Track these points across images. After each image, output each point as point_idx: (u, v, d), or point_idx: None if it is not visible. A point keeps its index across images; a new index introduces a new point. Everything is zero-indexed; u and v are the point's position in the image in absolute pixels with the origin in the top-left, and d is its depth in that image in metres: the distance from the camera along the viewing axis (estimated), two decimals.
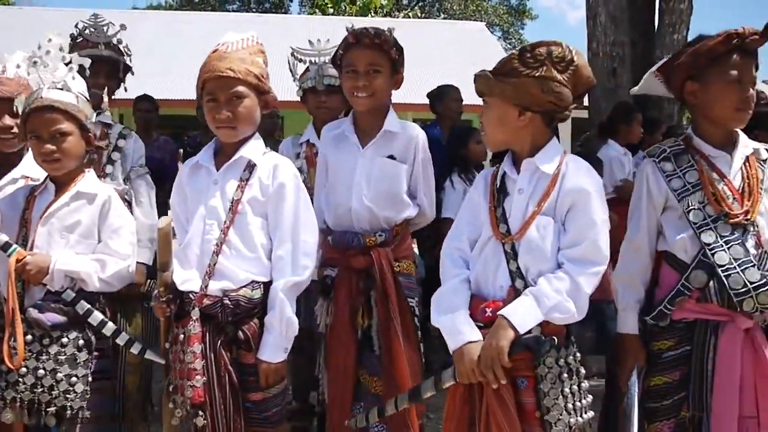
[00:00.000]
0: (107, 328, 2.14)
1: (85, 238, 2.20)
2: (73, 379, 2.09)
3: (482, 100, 1.90)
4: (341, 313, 2.37)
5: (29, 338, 2.09)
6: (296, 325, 2.06)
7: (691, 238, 1.98)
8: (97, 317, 2.13)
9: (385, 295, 2.37)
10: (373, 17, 19.30)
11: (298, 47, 3.16)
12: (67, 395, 2.08)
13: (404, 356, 2.35)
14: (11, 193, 2.29)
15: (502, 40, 24.80)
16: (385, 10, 21.02)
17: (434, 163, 2.59)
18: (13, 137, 2.36)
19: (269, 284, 2.05)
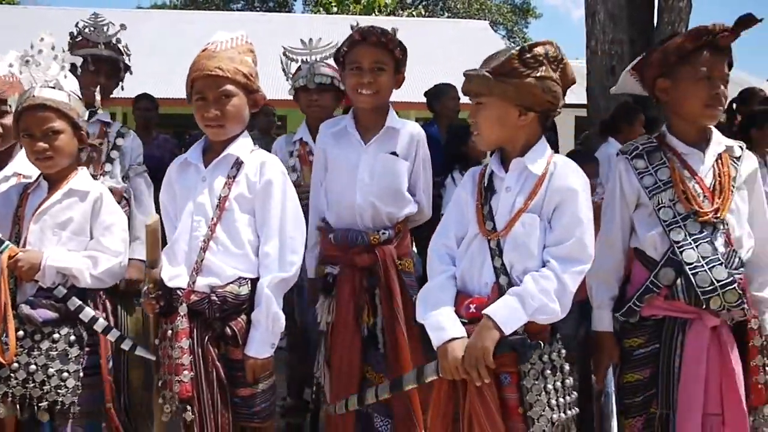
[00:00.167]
0: (98, 324, 2.16)
1: (77, 235, 2.23)
2: (64, 374, 2.11)
3: (475, 99, 1.89)
4: (345, 311, 2.37)
5: (21, 334, 2.12)
6: (283, 321, 2.07)
7: (660, 235, 1.99)
8: (88, 313, 2.15)
9: (389, 292, 2.38)
10: (377, 16, 19.29)
11: (290, 46, 3.18)
12: (58, 390, 2.10)
13: (408, 353, 2.36)
14: (4, 190, 2.32)
15: (506, 39, 24.77)
16: (389, 8, 21.00)
17: (432, 161, 2.61)
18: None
19: (257, 280, 2.07)
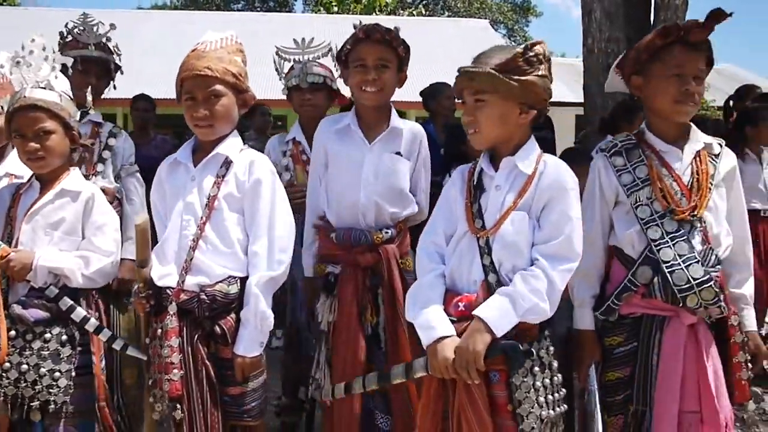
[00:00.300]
0: (90, 324, 2.17)
1: (68, 235, 2.24)
2: (56, 374, 2.13)
3: (475, 97, 1.86)
4: (349, 310, 2.36)
5: (13, 334, 2.13)
6: (271, 319, 2.08)
7: (638, 233, 2.00)
8: (79, 313, 2.17)
9: (392, 291, 2.39)
10: (377, 15, 19.29)
11: (283, 46, 3.19)
12: (50, 390, 2.11)
13: (410, 352, 2.35)
14: None
15: (506, 37, 24.75)
16: (389, 8, 21.00)
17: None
18: None
19: (246, 279, 2.08)
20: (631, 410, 2.00)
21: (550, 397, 1.84)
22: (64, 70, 2.33)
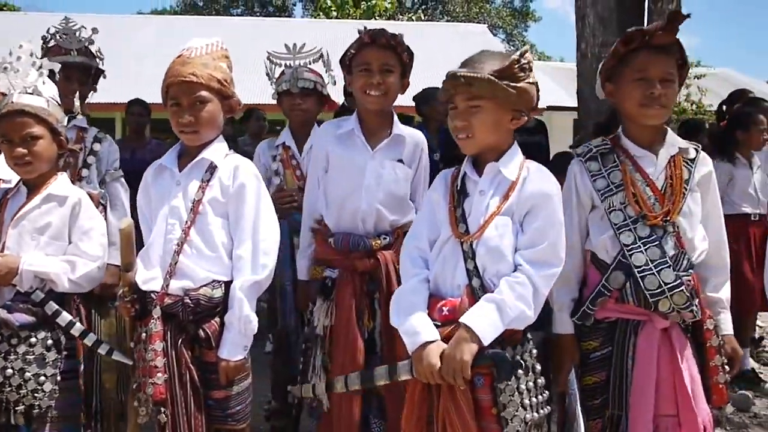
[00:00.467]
0: (75, 328, 2.18)
1: (55, 239, 2.24)
2: (41, 378, 2.13)
3: (469, 102, 1.86)
4: (347, 314, 2.36)
5: None
6: (255, 323, 2.09)
7: (611, 238, 2.01)
8: (65, 318, 2.17)
9: (389, 297, 2.35)
10: (376, 20, 19.32)
11: (274, 51, 3.21)
12: (35, 394, 2.12)
13: (406, 357, 2.35)
14: None
15: (505, 42, 24.77)
16: (388, 13, 21.04)
17: None
18: None
19: (230, 283, 2.08)
20: (607, 414, 2.01)
21: (534, 399, 1.84)
22: (51, 75, 2.33)
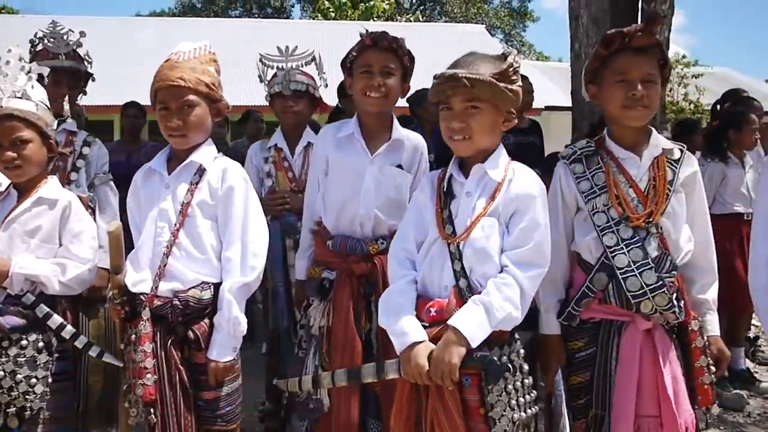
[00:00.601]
0: (66, 331, 2.19)
1: (45, 242, 2.26)
2: (32, 380, 2.14)
3: (468, 104, 1.86)
4: (345, 314, 2.37)
5: None
6: (244, 325, 2.10)
7: (594, 240, 2.02)
8: (56, 320, 2.19)
9: None
10: (375, 21, 19.33)
11: (266, 53, 3.22)
12: (26, 396, 2.13)
13: None
14: None
15: (504, 42, 24.78)
16: (386, 14, 21.04)
17: None
18: None
19: (219, 285, 2.10)
20: (591, 414, 2.02)
21: (521, 399, 1.86)
22: (39, 79, 2.35)
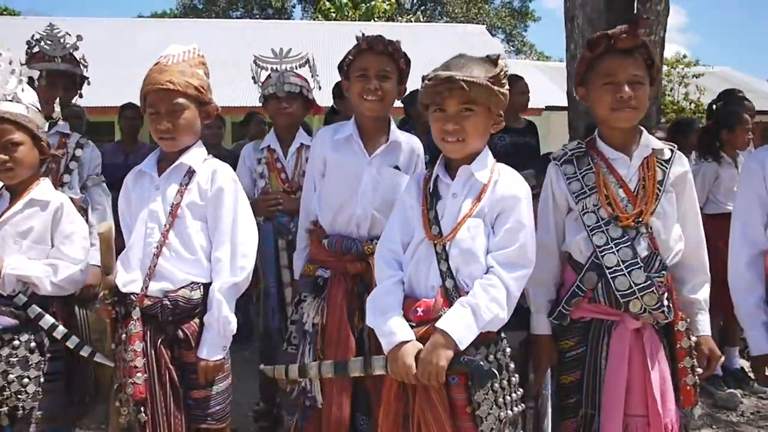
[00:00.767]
0: (58, 331, 2.22)
1: (37, 243, 2.28)
2: (24, 380, 2.16)
3: (463, 106, 1.87)
4: (339, 312, 2.38)
5: None
6: (234, 324, 2.13)
7: (584, 240, 2.03)
8: (48, 321, 2.21)
9: None
10: (375, 22, 19.35)
11: (260, 55, 3.24)
12: (18, 396, 2.15)
13: None
14: None
15: (505, 42, 24.80)
16: (387, 14, 21.05)
17: None
18: None
19: (209, 285, 2.13)
20: (581, 413, 2.03)
21: (508, 397, 1.88)
22: (30, 82, 2.36)
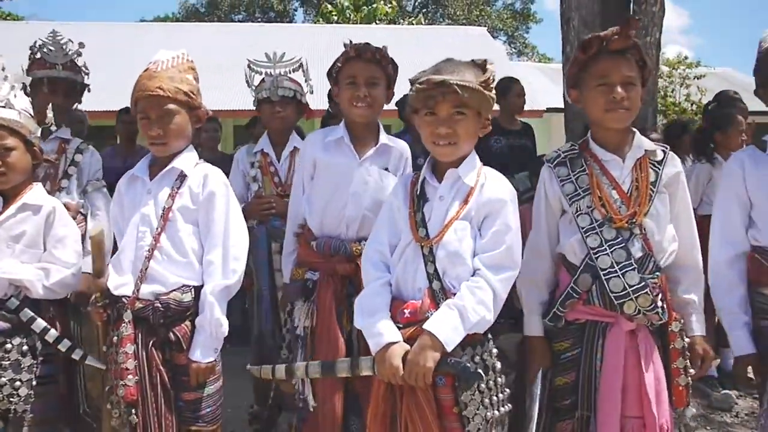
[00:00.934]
0: (50, 335, 2.24)
1: (30, 247, 2.30)
2: (17, 383, 2.19)
3: (455, 110, 1.89)
4: (328, 314, 2.41)
5: None
6: (226, 326, 2.15)
7: (578, 241, 2.03)
8: (40, 324, 2.23)
9: None
10: (378, 24, 19.37)
11: (254, 59, 3.26)
12: (10, 398, 2.17)
13: None
14: None
15: (507, 44, 24.82)
16: (389, 17, 21.07)
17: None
18: None
19: (200, 288, 2.15)
20: (576, 415, 2.03)
21: (494, 398, 1.90)
22: (23, 88, 2.38)
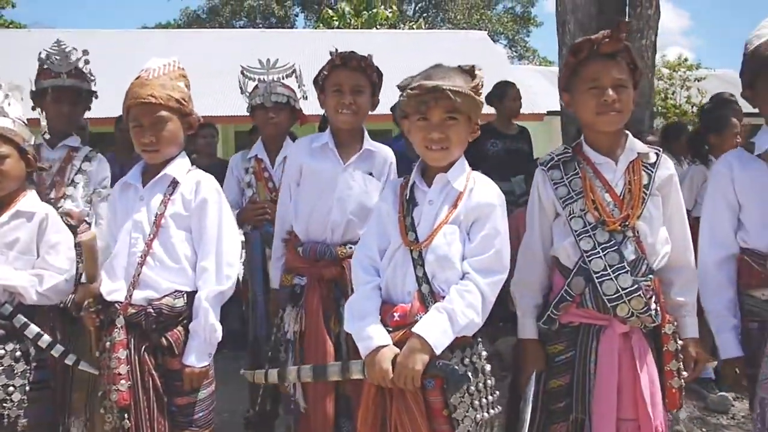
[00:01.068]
0: (43, 340, 2.26)
1: (23, 254, 2.32)
2: (10, 388, 2.20)
3: (448, 115, 1.90)
4: (316, 319, 2.43)
5: None
6: (219, 332, 2.17)
7: (572, 244, 2.04)
8: (33, 330, 2.25)
9: None
10: (378, 29, 19.40)
11: (248, 66, 3.28)
12: (3, 404, 2.18)
13: None
14: None
15: (507, 48, 24.86)
16: (389, 22, 21.10)
17: (400, 176, 2.63)
18: None
19: (193, 293, 2.17)
20: (571, 418, 2.03)
21: (484, 400, 1.91)
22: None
